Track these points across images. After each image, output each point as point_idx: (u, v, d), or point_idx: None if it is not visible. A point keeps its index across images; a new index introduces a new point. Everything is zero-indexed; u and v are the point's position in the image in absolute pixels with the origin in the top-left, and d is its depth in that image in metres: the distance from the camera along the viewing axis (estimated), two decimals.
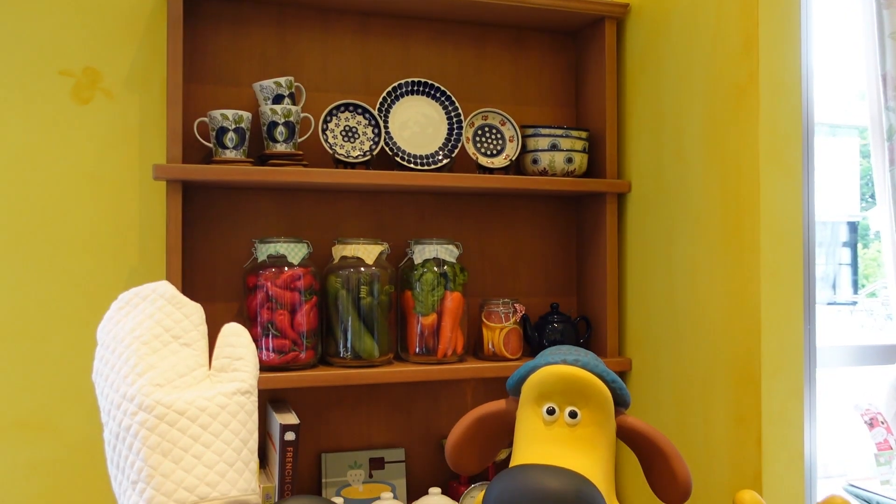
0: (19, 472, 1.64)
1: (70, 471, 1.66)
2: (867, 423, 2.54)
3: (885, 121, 2.62)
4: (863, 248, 4.40)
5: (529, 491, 1.02)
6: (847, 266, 4.55)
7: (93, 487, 1.67)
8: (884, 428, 2.54)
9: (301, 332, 1.62)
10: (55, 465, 1.66)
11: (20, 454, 1.64)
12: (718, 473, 1.51)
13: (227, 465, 0.94)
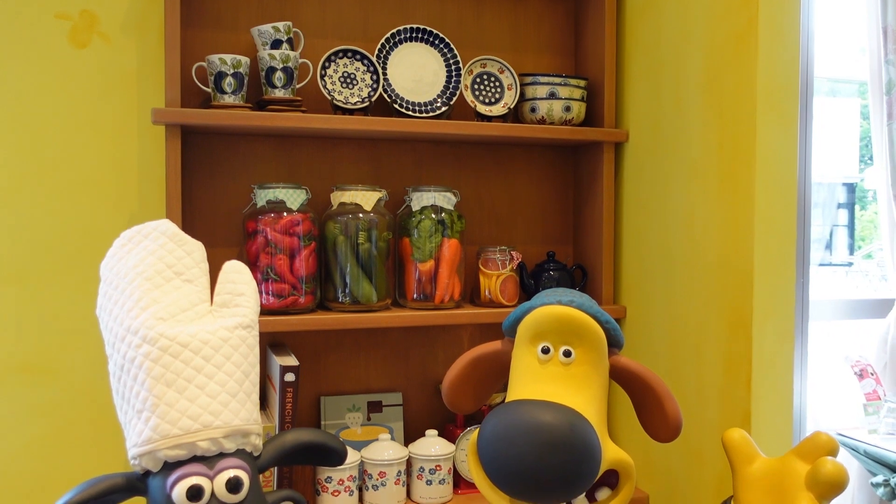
0: (22, 415, 1.67)
1: (72, 413, 1.70)
2: (857, 374, 2.59)
3: (884, 74, 2.61)
4: (860, 209, 4.40)
5: (523, 424, 1.05)
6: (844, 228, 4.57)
7: (95, 429, 1.70)
8: (873, 379, 2.59)
9: (300, 276, 1.64)
10: (58, 408, 1.69)
11: (23, 397, 1.67)
12: (709, 415, 1.54)
13: (230, 395, 0.97)
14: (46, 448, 1.68)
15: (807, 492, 1.09)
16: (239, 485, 0.93)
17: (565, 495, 1.05)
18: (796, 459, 1.13)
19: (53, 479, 1.68)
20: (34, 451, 1.67)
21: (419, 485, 1.70)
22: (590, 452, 1.03)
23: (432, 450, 1.70)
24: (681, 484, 1.66)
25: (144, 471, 0.95)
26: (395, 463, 1.66)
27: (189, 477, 0.91)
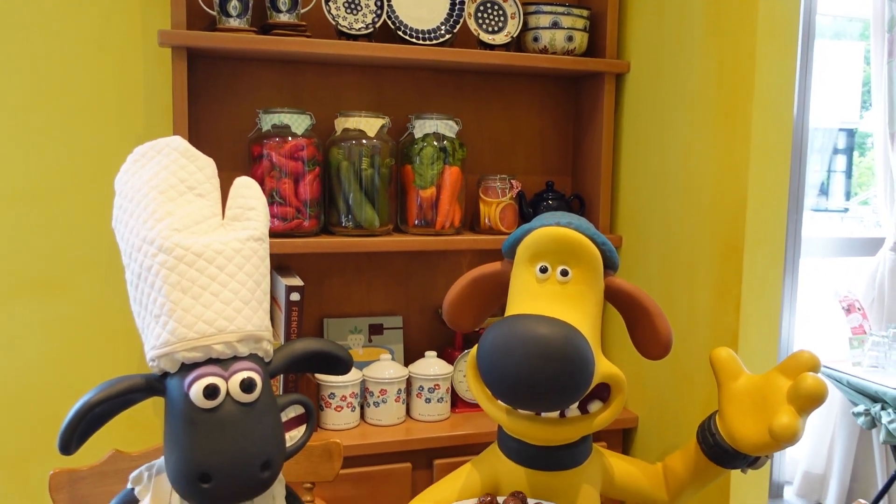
0: (37, 330, 1.73)
1: (85, 329, 1.75)
2: (844, 308, 2.66)
3: (887, 11, 2.61)
4: (859, 156, 4.41)
5: (521, 336, 1.10)
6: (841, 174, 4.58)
7: (107, 345, 1.77)
8: (860, 314, 2.66)
9: (304, 200, 1.68)
10: (70, 324, 1.75)
11: (37, 313, 1.72)
12: (698, 339, 1.60)
13: (243, 302, 1.01)
14: (61, 362, 1.74)
15: (788, 405, 1.14)
16: (252, 385, 0.98)
17: (560, 403, 1.11)
18: (779, 375, 1.18)
19: (68, 392, 1.75)
20: (49, 365, 1.74)
21: (418, 403, 1.77)
22: (583, 363, 1.09)
23: (431, 370, 1.76)
24: (670, 405, 1.73)
25: (162, 372, 1.00)
26: (396, 381, 1.73)
27: (206, 377, 0.96)
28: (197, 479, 0.95)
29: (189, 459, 0.95)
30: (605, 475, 1.29)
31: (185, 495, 0.98)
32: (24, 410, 1.73)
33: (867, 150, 4.20)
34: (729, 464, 1.22)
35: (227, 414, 0.97)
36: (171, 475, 0.98)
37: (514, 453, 1.24)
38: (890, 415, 2.37)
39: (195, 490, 0.96)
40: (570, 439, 1.21)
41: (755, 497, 1.54)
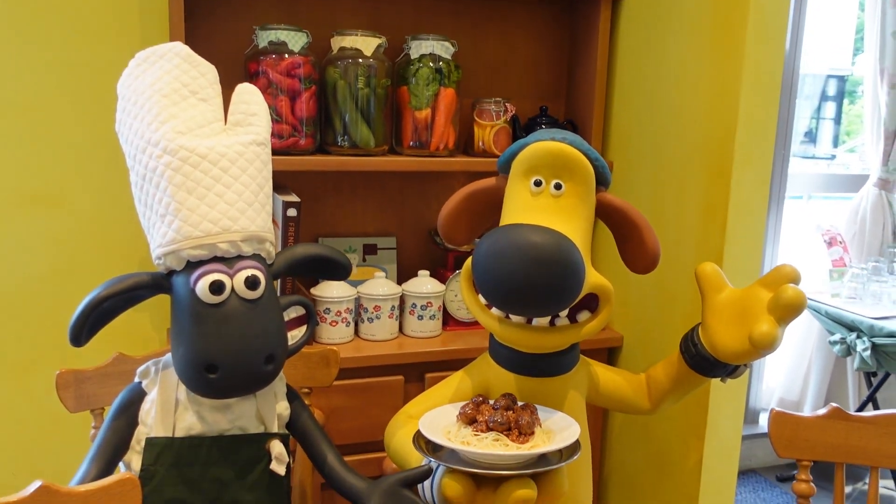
0: (36, 244, 1.75)
1: (84, 242, 1.78)
2: (826, 242, 2.72)
3: None
4: (849, 104, 4.41)
5: (515, 243, 1.13)
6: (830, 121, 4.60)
7: (106, 257, 1.79)
8: (841, 247, 2.72)
9: (301, 118, 1.69)
10: (69, 237, 1.77)
11: (35, 227, 1.74)
12: (684, 259, 1.65)
13: (246, 204, 1.04)
14: (61, 274, 1.77)
15: (768, 315, 1.18)
16: (256, 282, 1.02)
17: (551, 308, 1.15)
18: (761, 288, 1.22)
19: (69, 303, 1.78)
20: (50, 277, 1.77)
21: (411, 320, 1.82)
22: (574, 269, 1.13)
23: (424, 288, 1.81)
24: (654, 325, 1.79)
25: (168, 270, 1.04)
26: (390, 298, 1.77)
27: (211, 273, 0.99)
28: (203, 370, 0.99)
29: (196, 351, 0.99)
30: (591, 383, 1.35)
31: (192, 386, 1.02)
32: (28, 321, 1.77)
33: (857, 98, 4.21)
34: (709, 373, 1.27)
35: (232, 309, 1.00)
36: (178, 367, 1.03)
37: (504, 360, 1.29)
38: (864, 343, 2.45)
39: (202, 380, 1.00)
40: (559, 347, 1.26)
41: (732, 408, 1.61)
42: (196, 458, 1.05)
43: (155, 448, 1.04)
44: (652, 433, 1.80)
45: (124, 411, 1.07)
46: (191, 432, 1.05)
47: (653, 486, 1.80)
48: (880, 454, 1.15)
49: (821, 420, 1.18)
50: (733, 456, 1.65)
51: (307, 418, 1.17)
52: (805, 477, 1.17)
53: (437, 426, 1.17)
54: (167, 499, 1.04)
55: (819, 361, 2.98)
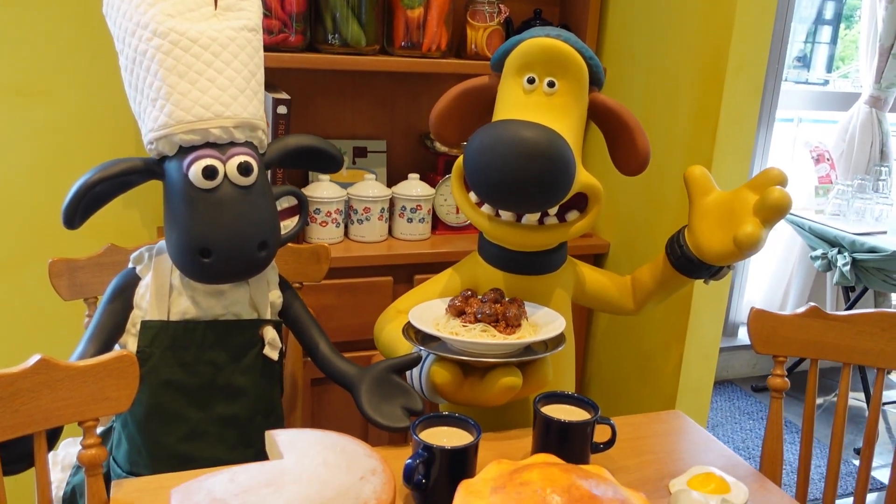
0: (21, 137, 1.73)
1: (69, 136, 1.76)
2: (814, 158, 2.73)
3: None
4: (845, 28, 4.34)
5: (507, 138, 1.14)
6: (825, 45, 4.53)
7: (92, 152, 1.78)
8: (828, 164, 2.73)
9: (290, 14, 1.66)
10: (53, 130, 1.75)
11: (20, 121, 1.72)
12: (674, 164, 1.66)
13: (238, 90, 1.04)
14: (47, 167, 1.76)
15: (753, 217, 1.20)
16: (249, 168, 1.02)
17: (541, 203, 1.17)
18: (748, 191, 1.24)
19: (56, 196, 1.78)
20: (36, 170, 1.75)
21: (400, 222, 1.83)
22: (565, 165, 1.14)
23: (414, 191, 1.81)
24: (641, 232, 1.81)
25: (161, 156, 1.04)
26: (379, 200, 1.78)
27: (204, 158, 0.99)
28: (197, 254, 1.00)
29: (190, 234, 1.00)
30: (577, 282, 1.37)
31: (186, 271, 1.04)
32: (18, 216, 1.76)
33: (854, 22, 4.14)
34: (693, 274, 1.29)
35: (225, 195, 1.01)
36: (172, 252, 1.04)
37: (493, 258, 1.31)
38: (845, 258, 2.50)
39: (196, 264, 1.01)
40: (548, 245, 1.28)
41: (713, 312, 1.66)
42: (191, 342, 1.07)
43: (150, 331, 1.06)
44: (634, 336, 1.85)
45: (119, 295, 1.09)
46: (185, 316, 1.07)
47: (634, 386, 1.86)
48: (854, 351, 1.19)
49: (799, 318, 1.22)
50: (712, 358, 1.70)
51: (299, 307, 1.19)
52: (780, 372, 1.22)
53: (427, 318, 1.19)
54: (163, 380, 1.07)
55: (799, 277, 3.04)
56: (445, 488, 0.91)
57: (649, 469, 1.07)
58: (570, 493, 0.77)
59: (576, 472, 0.81)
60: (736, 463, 1.10)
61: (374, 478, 0.80)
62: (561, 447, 1.00)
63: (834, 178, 2.76)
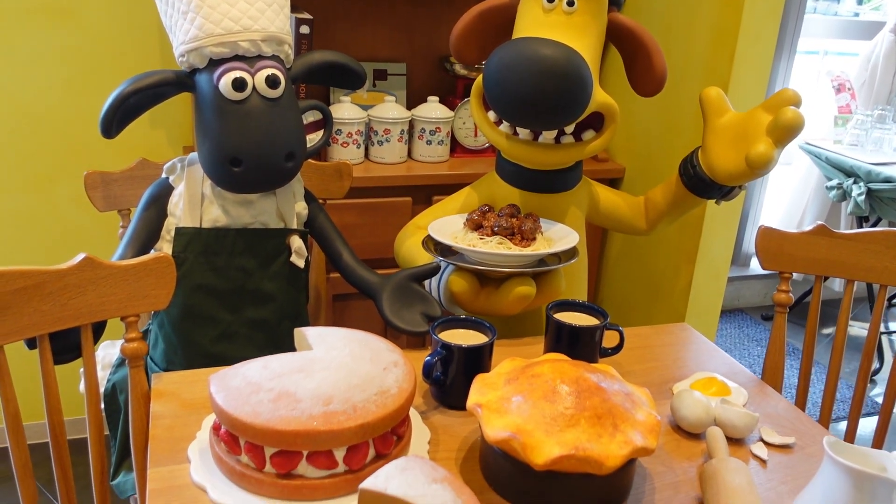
0: (48, 56, 1.76)
1: (95, 55, 1.79)
2: (835, 87, 2.71)
3: None
4: None
5: (525, 57, 1.16)
6: None
7: (118, 69, 1.81)
8: (849, 94, 2.72)
9: None
10: (80, 50, 1.78)
11: (46, 40, 1.75)
12: (691, 86, 1.68)
13: (266, 4, 1.06)
14: (77, 86, 1.80)
15: (766, 137, 1.23)
16: (277, 81, 1.06)
17: (558, 120, 1.20)
18: (762, 112, 1.26)
19: (83, 116, 1.83)
20: (66, 88, 1.80)
21: (419, 144, 1.87)
22: (583, 83, 1.16)
23: (433, 113, 1.84)
24: (656, 156, 1.84)
25: (191, 69, 1.08)
26: (399, 122, 1.81)
27: (234, 70, 1.03)
28: (228, 163, 1.05)
29: (220, 144, 1.05)
30: (592, 201, 1.41)
31: (217, 179, 1.09)
32: (49, 133, 1.82)
33: None
34: (705, 194, 1.32)
35: (253, 106, 1.05)
36: (203, 162, 1.09)
37: (510, 177, 1.35)
38: (860, 188, 2.51)
39: (227, 173, 1.06)
40: (564, 164, 1.31)
41: (724, 235, 1.69)
42: (222, 248, 1.13)
43: (184, 237, 1.12)
44: (647, 258, 1.90)
45: (153, 203, 1.14)
46: (217, 224, 1.13)
47: (645, 306, 1.92)
48: (858, 268, 1.23)
49: (806, 236, 1.26)
50: (721, 279, 1.75)
51: (324, 219, 1.24)
52: (785, 288, 1.26)
53: (445, 232, 1.24)
54: (196, 284, 1.14)
55: (814, 208, 3.05)
56: (462, 384, 0.98)
57: (655, 374, 1.13)
58: (577, 384, 0.82)
59: (584, 368, 0.87)
60: (738, 371, 1.15)
61: (397, 369, 0.86)
62: (571, 350, 1.06)
63: (854, 108, 2.75)
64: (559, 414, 0.79)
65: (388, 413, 0.81)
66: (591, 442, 0.77)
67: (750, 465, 0.92)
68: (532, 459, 0.77)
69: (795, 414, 1.04)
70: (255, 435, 0.78)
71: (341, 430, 0.78)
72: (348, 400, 0.80)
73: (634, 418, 0.82)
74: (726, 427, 0.95)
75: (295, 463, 0.79)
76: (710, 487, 0.81)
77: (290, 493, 0.79)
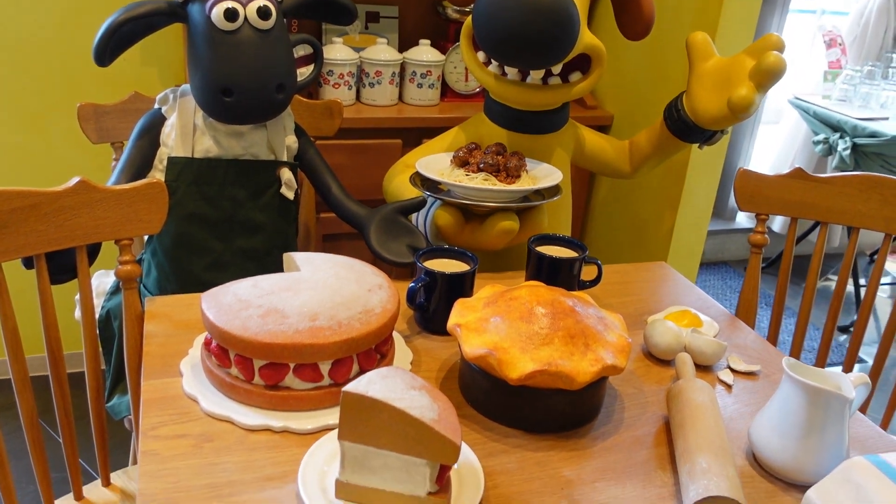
0: None
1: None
2: (826, 42, 2.72)
3: None
4: None
5: None
6: None
7: (107, 9, 1.81)
8: (840, 49, 2.73)
9: None
10: None
11: None
12: (678, 34, 1.69)
13: None
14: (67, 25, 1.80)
15: (749, 81, 1.25)
16: (268, 13, 1.07)
17: (545, 58, 1.22)
18: (746, 57, 1.28)
19: (77, 52, 1.83)
20: (56, 28, 1.80)
21: (410, 87, 1.88)
22: (570, 21, 1.18)
23: (424, 56, 1.85)
24: (644, 104, 1.86)
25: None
26: (391, 64, 1.82)
27: (225, 0, 1.05)
28: (219, 93, 1.07)
29: (212, 74, 1.07)
30: (577, 144, 1.44)
31: (209, 110, 1.11)
32: (42, 70, 1.82)
33: None
34: (689, 138, 1.35)
35: (245, 37, 1.07)
36: (195, 92, 1.11)
37: (497, 117, 1.37)
38: (846, 143, 2.54)
39: (218, 103, 1.09)
40: (551, 105, 1.34)
41: (707, 181, 1.73)
42: (214, 178, 1.16)
43: (176, 166, 1.15)
44: (631, 204, 1.94)
45: (146, 133, 1.16)
46: (208, 154, 1.15)
47: (628, 253, 1.96)
48: (831, 211, 1.27)
49: (782, 179, 1.29)
50: (702, 226, 1.79)
51: (314, 153, 1.27)
52: (761, 229, 1.30)
53: (433, 168, 1.27)
54: (189, 212, 1.16)
55: (800, 163, 3.08)
56: (444, 310, 1.02)
57: (631, 307, 1.17)
58: (553, 307, 0.86)
59: (560, 293, 0.91)
60: (712, 306, 1.20)
61: (381, 291, 0.90)
62: (550, 282, 1.10)
63: (844, 63, 2.76)
64: (534, 333, 0.84)
65: (371, 330, 0.85)
66: (563, 359, 0.81)
67: (716, 389, 0.97)
68: (507, 375, 0.81)
69: (763, 345, 1.09)
70: (244, 348, 0.81)
71: (326, 345, 0.82)
72: (333, 317, 0.84)
73: (606, 339, 0.86)
74: (695, 354, 1.00)
75: (282, 375, 0.83)
76: (674, 405, 0.86)
77: (277, 403, 0.84)
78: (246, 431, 0.81)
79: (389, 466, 0.70)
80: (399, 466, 0.70)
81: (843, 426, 0.78)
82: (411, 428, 0.68)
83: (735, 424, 0.90)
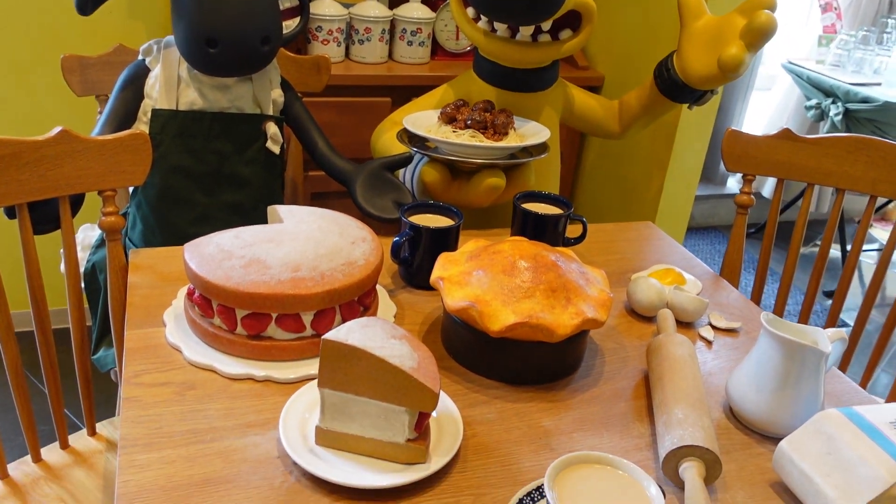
0: None
1: None
2: (821, 6, 2.70)
3: None
4: None
5: None
6: None
7: None
8: (835, 14, 2.71)
9: None
10: None
11: None
12: None
13: None
14: None
15: (739, 40, 1.25)
16: None
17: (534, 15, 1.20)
18: (737, 15, 1.27)
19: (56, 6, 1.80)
20: None
21: (400, 45, 1.86)
22: None
23: (415, 13, 1.83)
24: (635, 65, 1.85)
25: None
26: (381, 21, 1.80)
27: None
28: (204, 43, 1.06)
29: (196, 23, 1.05)
30: (566, 102, 1.43)
31: (193, 61, 1.10)
32: (25, 21, 1.79)
33: None
34: (678, 98, 1.35)
35: None
36: (179, 42, 1.09)
37: (487, 74, 1.36)
38: (838, 108, 2.54)
39: (203, 54, 1.07)
40: (540, 63, 1.33)
41: (696, 141, 1.73)
42: (198, 131, 1.15)
43: (160, 118, 1.14)
44: (620, 165, 1.93)
45: (130, 84, 1.15)
46: (193, 107, 1.14)
47: (619, 211, 1.96)
48: (818, 172, 1.27)
49: (770, 140, 1.29)
50: (691, 187, 1.79)
51: (300, 108, 1.26)
52: (747, 190, 1.30)
53: (420, 125, 1.27)
54: (173, 165, 1.16)
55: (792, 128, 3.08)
56: (428, 264, 1.02)
57: (615, 265, 1.17)
58: (535, 260, 0.87)
59: (543, 247, 0.91)
60: (697, 265, 1.20)
61: (364, 244, 0.90)
62: (535, 238, 1.10)
63: (839, 28, 2.74)
64: (516, 286, 0.84)
65: (354, 282, 0.85)
66: (544, 312, 0.82)
67: (696, 345, 0.98)
68: (488, 327, 0.82)
69: (745, 304, 1.10)
70: (226, 297, 0.82)
71: (308, 295, 0.82)
72: (316, 268, 0.84)
73: (587, 293, 0.86)
74: (677, 310, 1.01)
75: (265, 325, 0.83)
76: (654, 358, 0.87)
77: (259, 353, 0.84)
78: (228, 380, 0.82)
79: (368, 413, 0.70)
80: (378, 414, 0.70)
81: (819, 380, 0.79)
82: (390, 376, 0.68)
83: (714, 379, 0.91)
